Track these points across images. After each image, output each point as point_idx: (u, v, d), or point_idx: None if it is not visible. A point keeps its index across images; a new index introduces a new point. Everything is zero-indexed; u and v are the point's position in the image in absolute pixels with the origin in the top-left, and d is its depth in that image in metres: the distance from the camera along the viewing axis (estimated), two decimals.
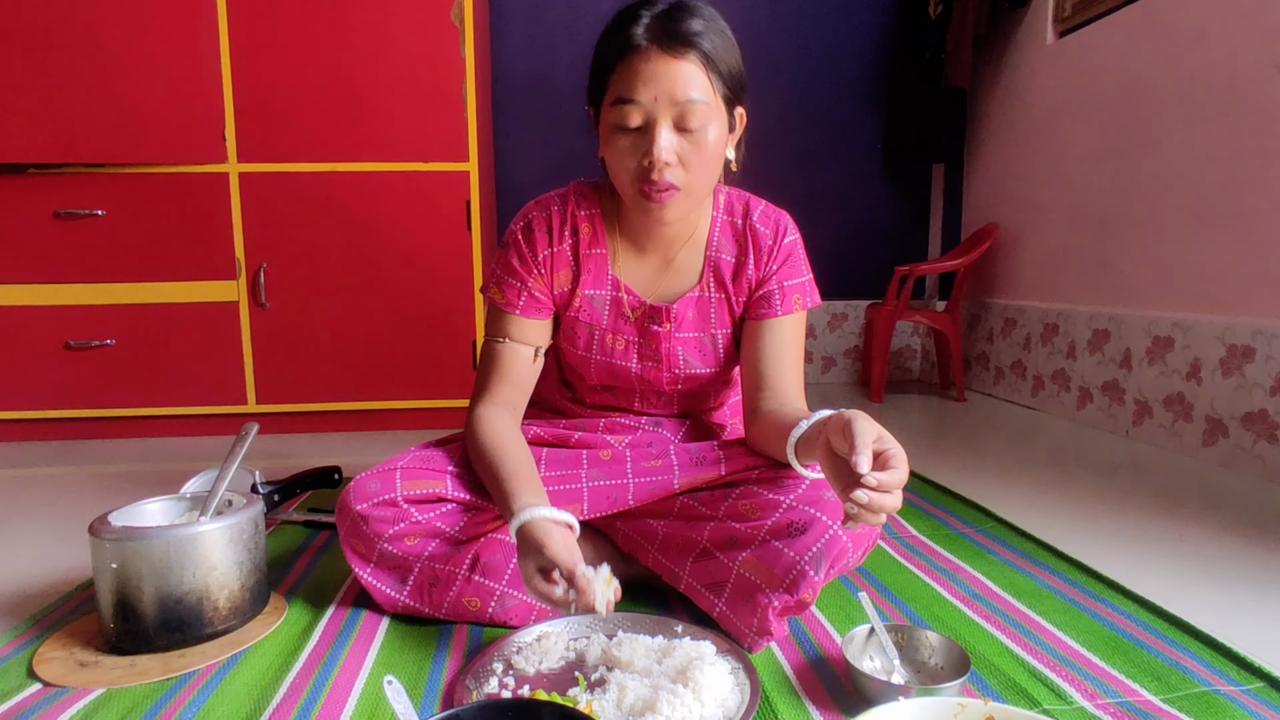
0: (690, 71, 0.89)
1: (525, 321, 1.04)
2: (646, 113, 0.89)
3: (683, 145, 0.91)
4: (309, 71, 2.03)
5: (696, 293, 1.05)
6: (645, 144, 0.90)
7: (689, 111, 0.89)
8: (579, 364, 1.09)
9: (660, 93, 0.88)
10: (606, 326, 1.06)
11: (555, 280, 1.04)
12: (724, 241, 1.05)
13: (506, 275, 1.04)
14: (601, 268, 1.05)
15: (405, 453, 1.03)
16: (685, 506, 1.01)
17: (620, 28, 0.91)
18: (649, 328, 1.05)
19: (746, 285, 1.05)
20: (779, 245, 1.05)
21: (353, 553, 0.97)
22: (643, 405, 1.12)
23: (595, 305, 1.05)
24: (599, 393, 1.12)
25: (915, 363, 3.10)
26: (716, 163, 0.94)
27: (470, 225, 2.13)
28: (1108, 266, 2.14)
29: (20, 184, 2.00)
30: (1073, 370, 2.26)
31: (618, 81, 0.90)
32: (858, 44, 2.85)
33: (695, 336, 1.06)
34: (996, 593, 1.05)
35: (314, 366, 2.14)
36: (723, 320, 1.06)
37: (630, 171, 0.93)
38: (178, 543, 0.89)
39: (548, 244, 1.03)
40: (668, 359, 1.06)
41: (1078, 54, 2.26)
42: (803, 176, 2.91)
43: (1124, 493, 1.55)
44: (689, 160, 0.91)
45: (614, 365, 1.07)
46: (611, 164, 0.95)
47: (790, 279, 1.05)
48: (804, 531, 0.90)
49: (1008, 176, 2.62)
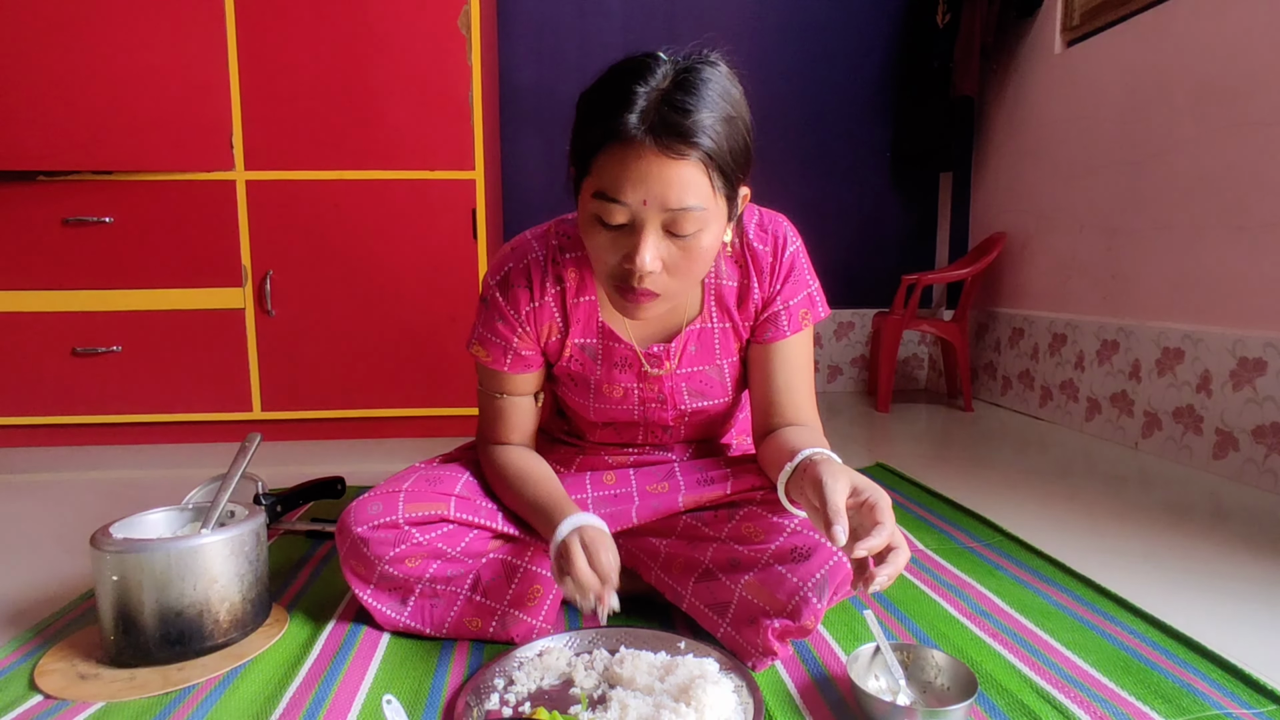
0: (689, 176, 0.75)
1: (515, 377, 1.00)
2: (633, 214, 0.77)
3: (671, 251, 0.79)
4: (315, 80, 2.04)
5: (698, 325, 0.97)
6: (628, 245, 0.79)
7: (682, 219, 0.77)
8: (578, 407, 1.05)
9: (651, 197, 0.75)
10: (601, 376, 1.00)
11: (541, 333, 0.97)
12: (725, 266, 0.96)
13: (490, 335, 0.97)
14: (590, 315, 0.97)
15: (409, 471, 1.02)
16: (688, 526, 1.00)
17: (611, 106, 0.76)
18: (647, 372, 0.99)
19: (753, 309, 0.97)
20: (780, 261, 0.95)
21: (353, 574, 0.96)
22: (646, 438, 1.08)
23: (586, 354, 0.98)
24: (600, 429, 1.08)
25: (922, 372, 3.09)
26: (708, 262, 0.83)
27: (476, 233, 2.13)
28: (1117, 276, 2.12)
29: (30, 191, 2.01)
30: (1081, 381, 2.24)
31: (602, 170, 0.77)
32: (865, 53, 2.85)
33: (699, 370, 1.00)
34: (1004, 610, 1.04)
35: (319, 374, 2.14)
36: (728, 349, 0.99)
37: (608, 267, 0.81)
38: (179, 555, 0.88)
39: (529, 299, 0.95)
40: (672, 398, 1.01)
41: (1086, 63, 2.25)
42: (810, 185, 2.90)
43: (1133, 506, 1.53)
44: (676, 267, 0.80)
45: (613, 410, 1.03)
46: (590, 251, 0.83)
47: (795, 296, 0.97)
48: (807, 557, 0.89)
49: (1015, 186, 2.61)
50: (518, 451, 1.01)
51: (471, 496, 0.99)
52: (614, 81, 0.78)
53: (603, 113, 0.76)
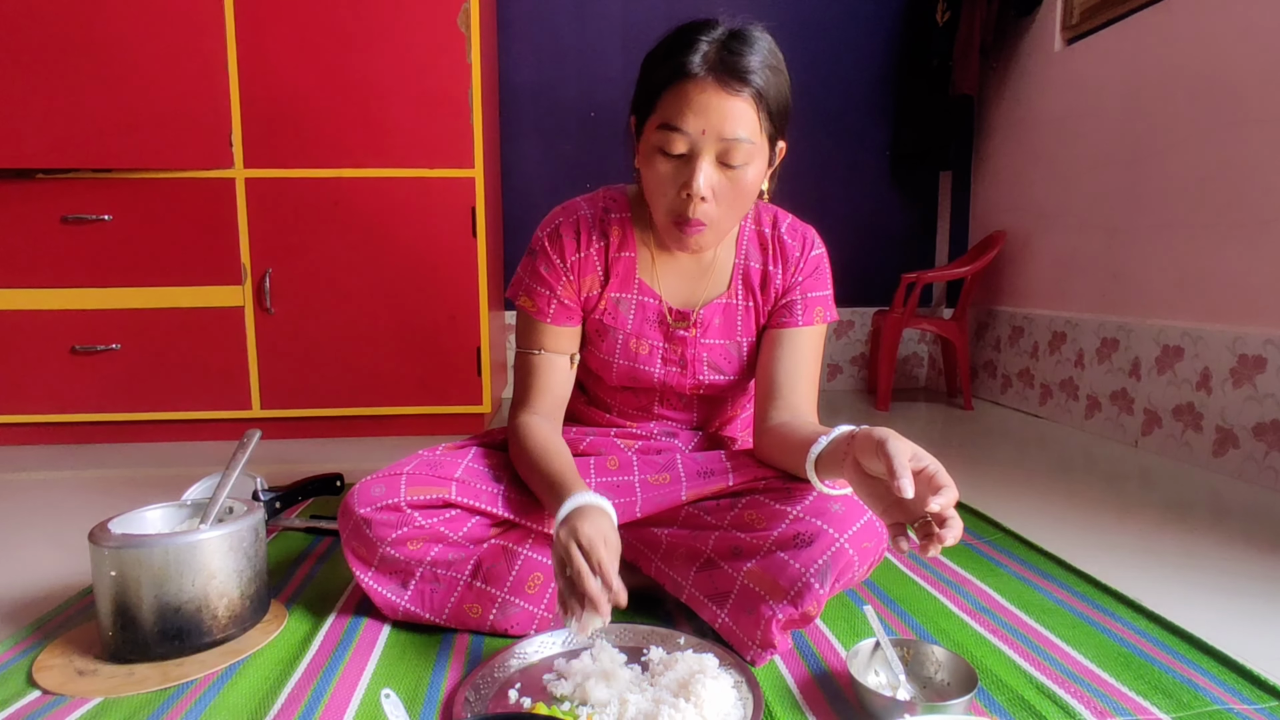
0: (741, 109, 0.87)
1: (558, 330, 1.05)
2: (692, 143, 0.88)
3: (721, 182, 0.90)
4: (315, 77, 2.04)
5: (724, 299, 1.05)
6: (685, 174, 0.90)
7: (733, 149, 0.88)
8: (600, 367, 1.09)
9: (709, 126, 0.87)
10: (631, 330, 1.05)
11: (583, 285, 1.04)
12: (752, 249, 1.06)
13: (535, 284, 1.04)
14: (629, 272, 1.05)
15: (411, 457, 1.02)
16: (690, 515, 1.00)
17: (677, 51, 0.89)
18: (675, 333, 1.05)
19: (773, 294, 1.05)
20: (806, 257, 1.05)
21: (354, 556, 0.97)
22: (662, 408, 1.12)
23: (621, 309, 1.05)
24: (618, 393, 1.12)
25: (922, 370, 3.09)
26: (751, 198, 0.94)
27: (475, 231, 2.13)
28: (1117, 275, 2.12)
29: (29, 189, 2.01)
30: (1081, 379, 2.24)
31: (667, 106, 0.89)
32: (865, 51, 2.84)
33: (720, 343, 1.06)
34: (1004, 606, 1.04)
35: (318, 372, 2.14)
36: (749, 328, 1.07)
37: (666, 198, 0.93)
38: (177, 551, 0.88)
39: (575, 248, 1.03)
40: (692, 364, 1.07)
41: (1086, 61, 2.25)
42: (810, 184, 2.90)
43: (1133, 503, 1.53)
44: (724, 196, 0.91)
45: (636, 369, 1.07)
46: (648, 185, 0.94)
47: (814, 290, 1.05)
48: (810, 543, 0.89)
49: (1015, 184, 2.61)
50: (543, 426, 1.02)
51: (472, 480, 0.99)
52: (680, 34, 0.90)
53: (670, 56, 0.89)
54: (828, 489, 0.92)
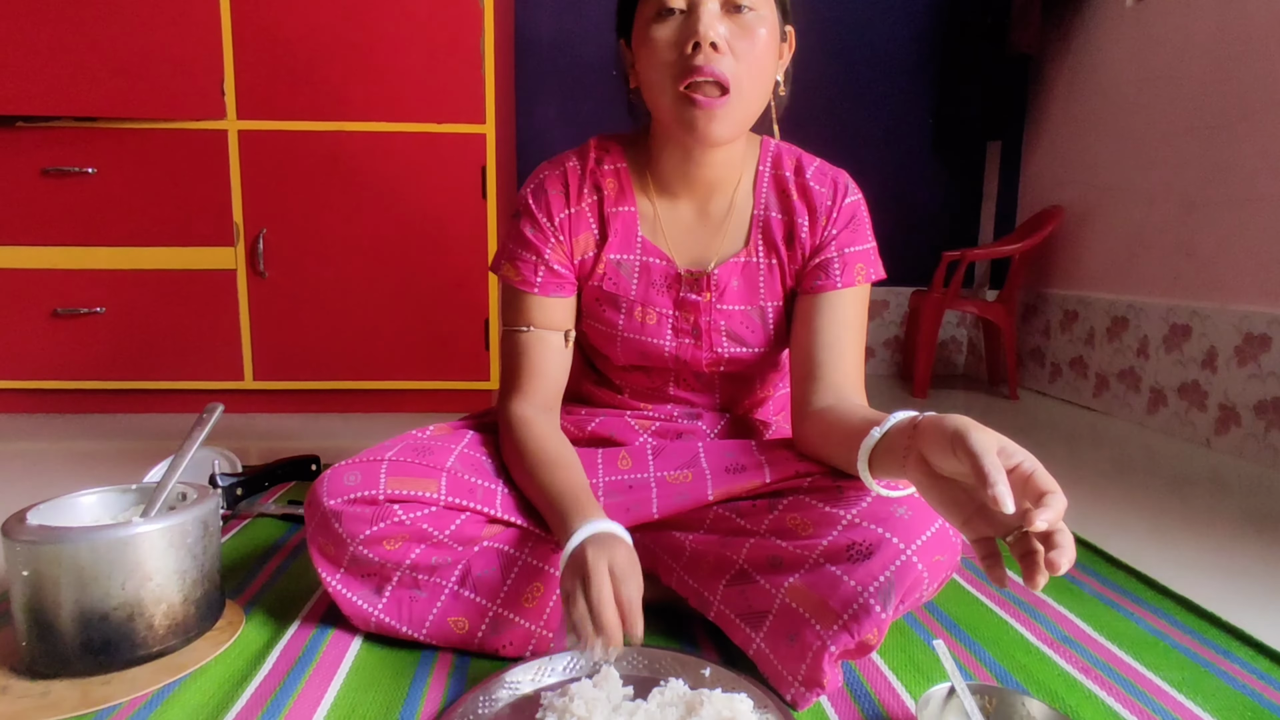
0: None
1: (548, 301, 0.89)
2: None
3: (733, 29, 0.78)
4: (315, 22, 1.87)
5: (743, 257, 0.90)
6: (689, 28, 0.77)
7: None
8: (603, 342, 0.93)
9: None
10: (635, 297, 0.90)
11: (576, 246, 0.90)
12: (771, 197, 0.90)
13: (519, 248, 0.89)
14: (630, 228, 0.90)
15: (396, 440, 0.86)
16: (720, 518, 0.84)
17: None
18: (686, 297, 0.90)
19: (801, 251, 0.89)
20: (839, 206, 0.89)
21: (320, 555, 0.81)
22: (678, 389, 0.96)
23: (622, 273, 0.90)
24: (628, 373, 0.96)
25: (961, 356, 2.89)
26: (767, 66, 0.81)
27: (485, 192, 1.96)
28: (1191, 255, 1.91)
29: (7, 137, 1.87)
30: (1144, 370, 2.04)
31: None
32: (908, 9, 2.62)
33: (741, 309, 0.90)
34: (1092, 638, 0.87)
35: (315, 342, 1.99)
36: (773, 290, 0.90)
37: (671, 67, 0.78)
38: (105, 547, 0.73)
39: (564, 204, 0.89)
40: (708, 335, 0.90)
41: (1162, 18, 2.03)
42: (844, 153, 2.69)
43: (1209, 512, 1.35)
44: (740, 49, 0.78)
45: (644, 343, 0.91)
46: (648, 72, 0.80)
47: (853, 245, 0.89)
48: (869, 555, 0.72)
49: (1075, 155, 2.40)
50: (541, 424, 0.86)
51: (467, 472, 0.84)
52: None
53: None
54: (885, 490, 0.75)
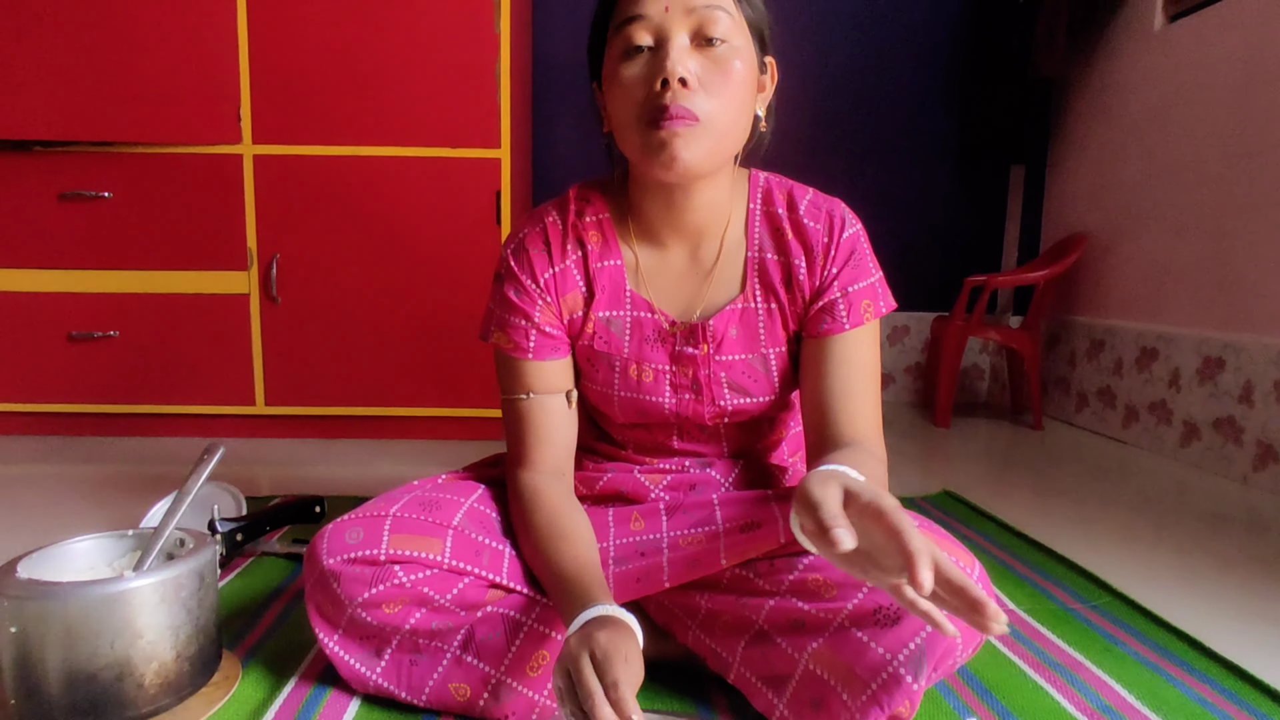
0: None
1: (544, 366, 0.84)
2: (656, 27, 0.73)
3: (704, 64, 0.73)
4: (330, 47, 1.86)
5: (740, 304, 0.84)
6: (657, 65, 0.72)
7: (709, 19, 0.72)
8: (600, 401, 0.89)
9: (671, 0, 0.72)
10: (629, 355, 0.85)
11: (564, 305, 0.85)
12: (765, 237, 0.84)
13: (507, 314, 0.85)
14: (617, 282, 0.85)
15: (402, 490, 0.83)
16: (737, 577, 0.80)
17: None
18: (682, 351, 0.84)
19: (801, 294, 0.83)
20: (836, 242, 0.82)
21: (318, 614, 0.78)
22: (683, 442, 0.90)
23: (612, 330, 0.85)
24: (630, 430, 0.91)
25: (983, 383, 2.83)
26: (744, 100, 0.76)
27: (500, 218, 1.94)
28: (1224, 285, 1.85)
29: (25, 162, 1.87)
30: (1175, 402, 1.98)
31: (620, 7, 0.75)
32: (929, 33, 2.59)
33: (742, 359, 0.85)
34: (1135, 708, 0.81)
35: (327, 367, 1.97)
36: (775, 336, 0.85)
37: (639, 106, 0.73)
38: (94, 604, 0.70)
39: (548, 263, 0.84)
40: (708, 388, 0.85)
41: (1192, 41, 1.98)
42: (864, 177, 2.66)
43: (1249, 554, 1.29)
44: (711, 83, 0.73)
45: (643, 401, 0.86)
46: (618, 113, 0.76)
47: (857, 282, 0.82)
48: (897, 621, 0.67)
49: (1101, 180, 2.34)
50: (550, 494, 0.81)
51: (475, 530, 0.80)
52: None
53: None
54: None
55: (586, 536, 0.78)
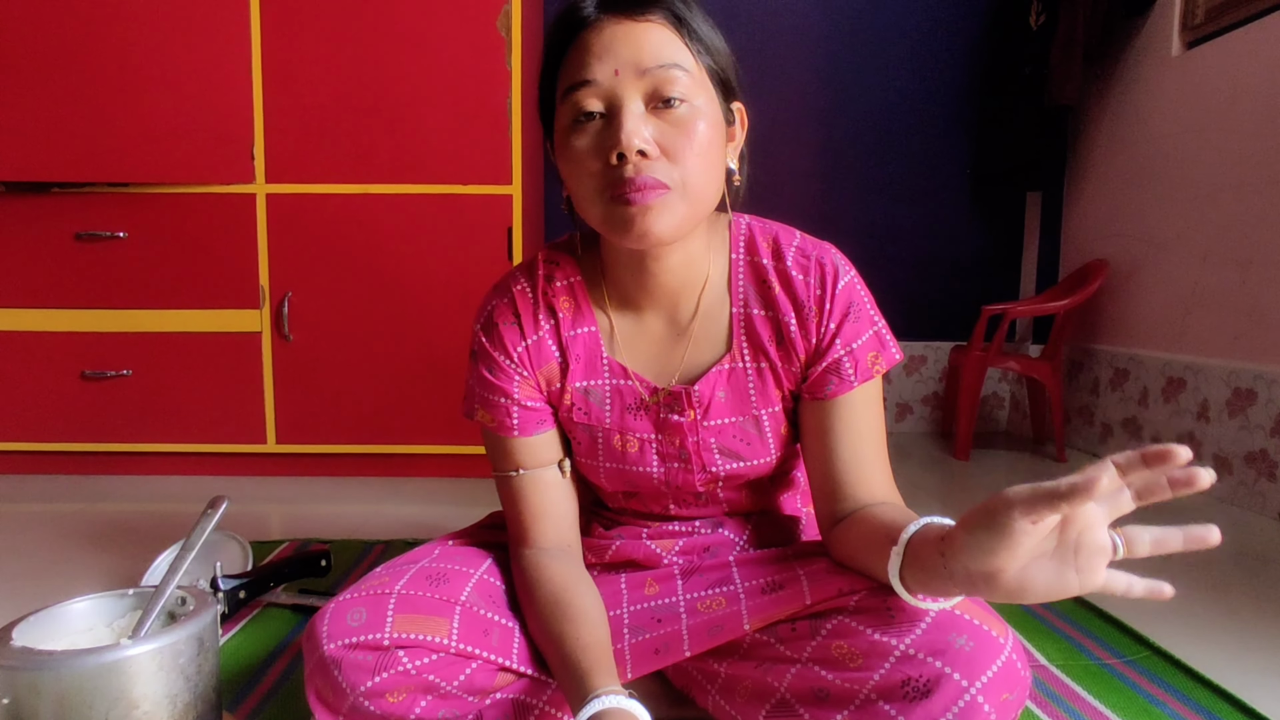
0: (657, 33, 0.67)
1: (531, 441, 0.81)
2: (606, 93, 0.67)
3: (663, 128, 0.67)
4: (342, 87, 1.87)
5: (727, 364, 0.79)
6: (610, 136, 0.66)
7: (665, 80, 0.66)
8: (588, 472, 0.85)
9: (621, 63, 0.66)
10: (611, 425, 0.81)
11: (541, 377, 0.81)
12: (751, 291, 0.79)
13: (485, 392, 0.81)
14: (593, 350, 0.80)
15: (407, 560, 0.79)
16: (758, 642, 0.76)
17: (563, 13, 0.71)
18: (667, 419, 0.80)
19: (796, 354, 0.78)
20: (831, 296, 0.76)
21: (319, 700, 0.74)
22: (680, 508, 0.86)
23: (592, 400, 0.81)
24: (620, 499, 0.88)
25: (1003, 413, 2.77)
26: (712, 159, 0.70)
27: (511, 254, 1.93)
28: (1252, 315, 1.81)
29: (43, 203, 1.89)
30: (1205, 434, 1.92)
31: (567, 67, 0.69)
32: (943, 61, 2.58)
33: (732, 422, 0.80)
34: None
35: (339, 405, 1.96)
36: (767, 397, 0.79)
37: (596, 178, 0.68)
38: (88, 674, 0.68)
39: (519, 337, 0.80)
40: (697, 455, 0.81)
41: (1210, 67, 1.95)
42: (879, 205, 2.64)
43: None
44: (674, 147, 0.67)
45: (629, 472, 0.82)
46: (575, 185, 0.71)
47: (860, 336, 0.77)
48: (927, 694, 0.63)
49: (1119, 207, 2.31)
50: (554, 569, 0.78)
51: (483, 605, 0.76)
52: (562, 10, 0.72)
53: (556, 28, 0.71)
54: (921, 603, 0.66)
55: (593, 614, 0.74)
